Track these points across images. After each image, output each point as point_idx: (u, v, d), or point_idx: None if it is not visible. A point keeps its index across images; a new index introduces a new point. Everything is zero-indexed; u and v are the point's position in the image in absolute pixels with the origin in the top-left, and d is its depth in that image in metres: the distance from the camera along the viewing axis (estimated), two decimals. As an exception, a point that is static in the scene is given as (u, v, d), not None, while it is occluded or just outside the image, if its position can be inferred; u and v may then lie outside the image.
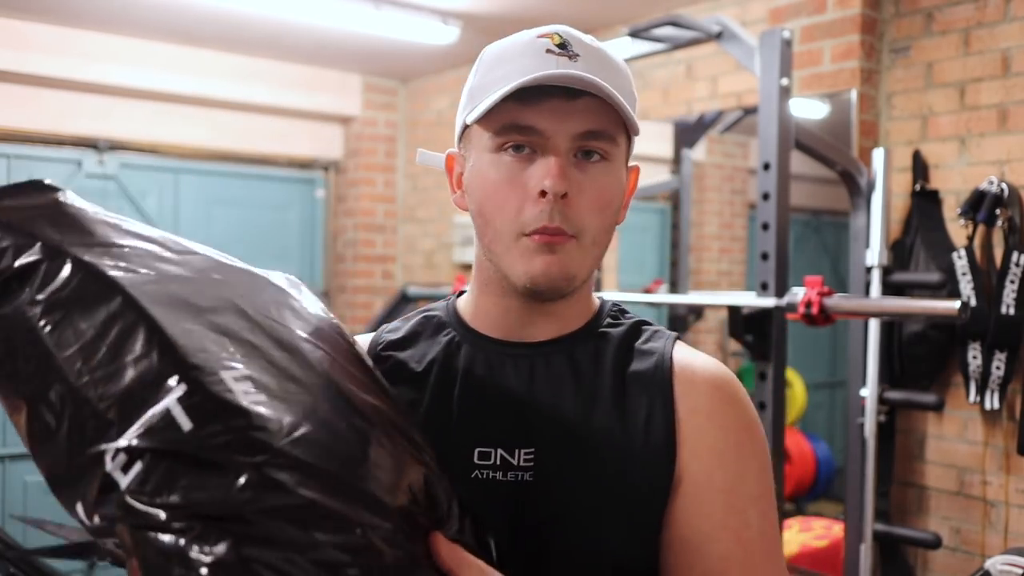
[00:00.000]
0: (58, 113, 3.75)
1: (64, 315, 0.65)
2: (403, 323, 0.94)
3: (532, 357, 0.86)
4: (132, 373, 0.62)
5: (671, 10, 3.16)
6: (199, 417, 0.59)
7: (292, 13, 3.34)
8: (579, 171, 0.80)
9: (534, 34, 0.83)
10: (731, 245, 3.64)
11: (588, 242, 0.82)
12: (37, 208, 0.72)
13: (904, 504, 2.59)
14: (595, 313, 0.90)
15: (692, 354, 0.87)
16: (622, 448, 0.81)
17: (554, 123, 0.79)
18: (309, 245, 4.54)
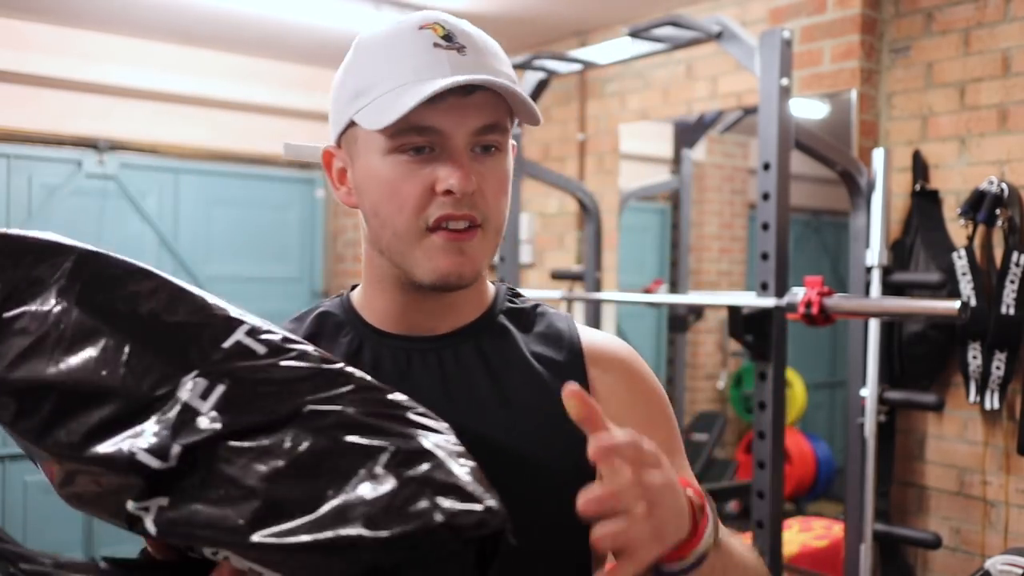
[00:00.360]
0: (58, 113, 3.75)
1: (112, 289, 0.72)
2: (297, 324, 0.92)
3: (438, 350, 0.86)
4: (201, 318, 0.71)
5: (671, 10, 3.16)
6: (268, 345, 0.70)
7: (292, 13, 3.34)
8: (479, 164, 0.81)
9: (415, 24, 0.81)
10: (731, 245, 3.64)
11: (492, 231, 0.83)
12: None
13: (904, 504, 2.59)
14: (492, 299, 0.91)
15: (593, 333, 0.92)
16: (544, 426, 0.82)
17: (453, 122, 0.78)
18: (309, 245, 4.53)
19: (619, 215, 3.51)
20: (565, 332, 0.89)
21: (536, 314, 0.91)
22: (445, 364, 0.86)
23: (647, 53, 2.57)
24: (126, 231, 3.95)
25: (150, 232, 4.01)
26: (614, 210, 3.49)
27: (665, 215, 3.66)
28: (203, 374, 0.65)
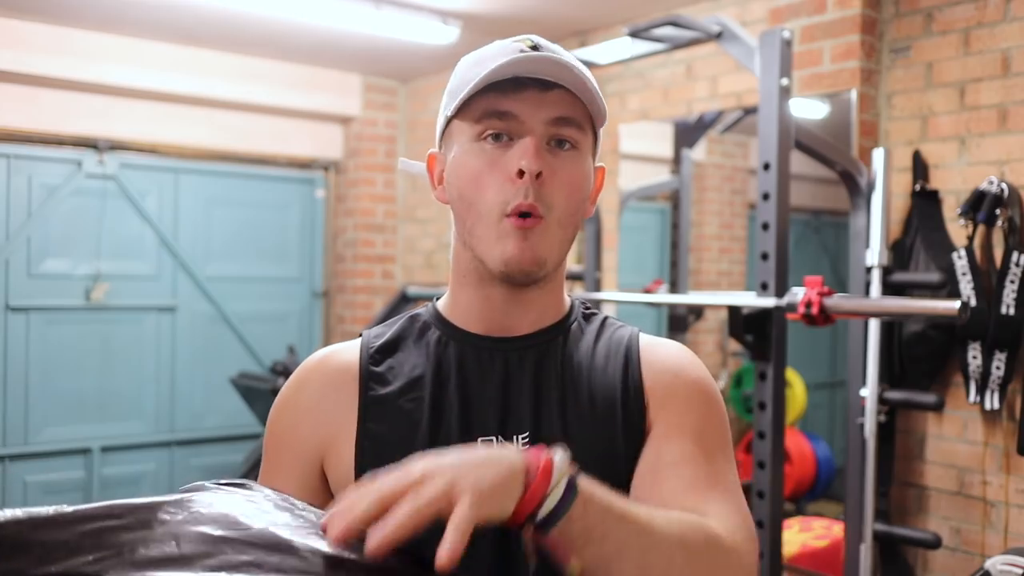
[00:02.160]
0: (58, 113, 3.75)
1: None
2: (387, 328, 0.97)
3: (519, 350, 0.92)
4: None
5: (671, 10, 3.16)
6: None
7: (292, 13, 3.34)
8: (552, 156, 0.86)
9: (510, 40, 0.90)
10: (731, 245, 3.64)
11: (555, 223, 0.87)
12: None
13: (904, 504, 2.59)
14: (568, 309, 0.97)
15: (655, 338, 0.96)
16: (603, 420, 0.88)
17: (530, 109, 0.85)
18: (309, 245, 4.53)
19: (619, 215, 3.51)
20: (625, 340, 0.94)
21: (604, 325, 0.97)
22: (524, 363, 0.91)
23: (647, 53, 2.57)
24: (126, 231, 3.95)
25: (150, 232, 4.01)
26: (614, 210, 3.49)
27: (665, 215, 3.67)
28: None
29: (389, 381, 0.91)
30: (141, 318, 4.00)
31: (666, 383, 0.90)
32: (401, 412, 0.89)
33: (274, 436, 0.94)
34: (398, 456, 0.83)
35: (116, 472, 3.89)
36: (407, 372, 0.91)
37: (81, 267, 3.83)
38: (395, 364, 0.92)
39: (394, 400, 0.90)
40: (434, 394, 0.89)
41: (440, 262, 4.37)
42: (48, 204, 3.76)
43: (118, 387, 3.93)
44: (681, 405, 0.89)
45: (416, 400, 0.89)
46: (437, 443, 0.86)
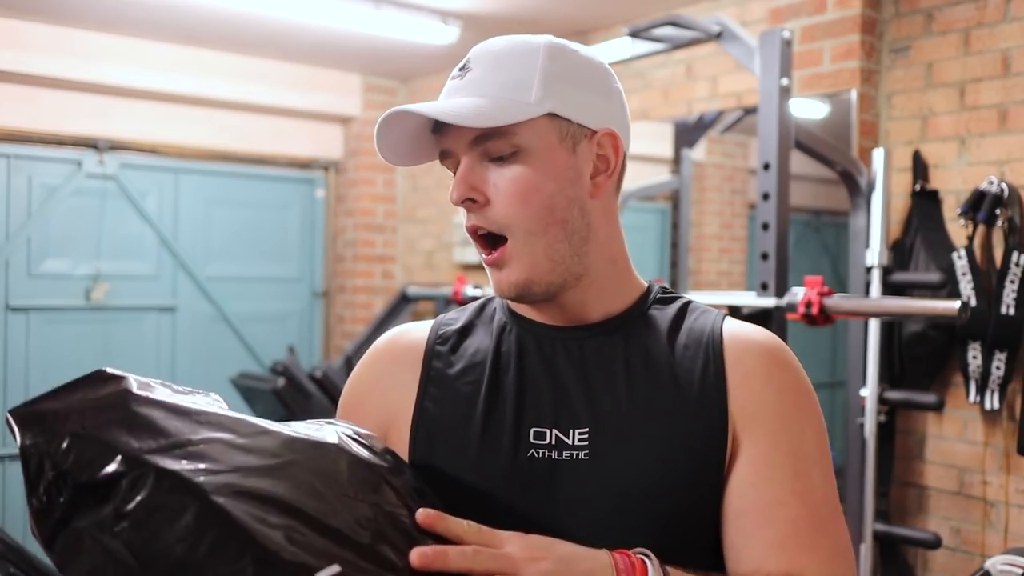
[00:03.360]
0: (58, 113, 3.75)
1: (153, 530, 0.64)
2: (460, 313, 0.98)
3: (582, 339, 0.89)
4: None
5: (671, 10, 3.16)
6: None
7: (292, 13, 3.33)
8: (493, 174, 0.85)
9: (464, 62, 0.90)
10: (731, 245, 3.64)
11: (523, 236, 0.84)
12: (108, 407, 0.71)
13: (904, 504, 2.59)
14: (642, 293, 0.93)
15: (741, 325, 0.90)
16: (676, 418, 0.84)
17: (453, 140, 0.86)
18: (309, 245, 4.53)
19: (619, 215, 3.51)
20: (709, 325, 0.89)
21: (687, 310, 0.92)
22: (587, 353, 0.88)
23: (647, 53, 2.57)
24: (126, 231, 3.95)
25: (150, 232, 4.01)
26: (614, 210, 3.48)
27: (665, 215, 3.66)
28: None
29: (452, 363, 0.91)
30: (141, 318, 4.00)
31: (755, 390, 0.84)
32: (458, 394, 0.89)
33: (344, 409, 0.96)
34: (449, 438, 0.86)
35: (116, 472, 3.89)
36: (470, 355, 0.92)
37: (81, 267, 3.83)
38: (461, 347, 0.93)
39: (453, 381, 0.90)
40: (492, 379, 0.89)
41: (440, 262, 4.37)
42: (48, 204, 3.76)
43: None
44: (774, 420, 0.83)
45: (474, 384, 0.89)
46: (489, 429, 0.86)
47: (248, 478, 0.67)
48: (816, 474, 0.83)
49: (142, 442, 0.68)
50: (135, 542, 0.64)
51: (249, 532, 0.63)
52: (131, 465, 0.66)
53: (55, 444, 0.68)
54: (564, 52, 0.86)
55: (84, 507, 0.66)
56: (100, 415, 0.70)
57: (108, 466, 0.66)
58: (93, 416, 0.70)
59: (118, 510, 0.65)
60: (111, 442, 0.68)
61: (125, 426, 0.69)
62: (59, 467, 0.67)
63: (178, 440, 0.69)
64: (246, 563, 0.62)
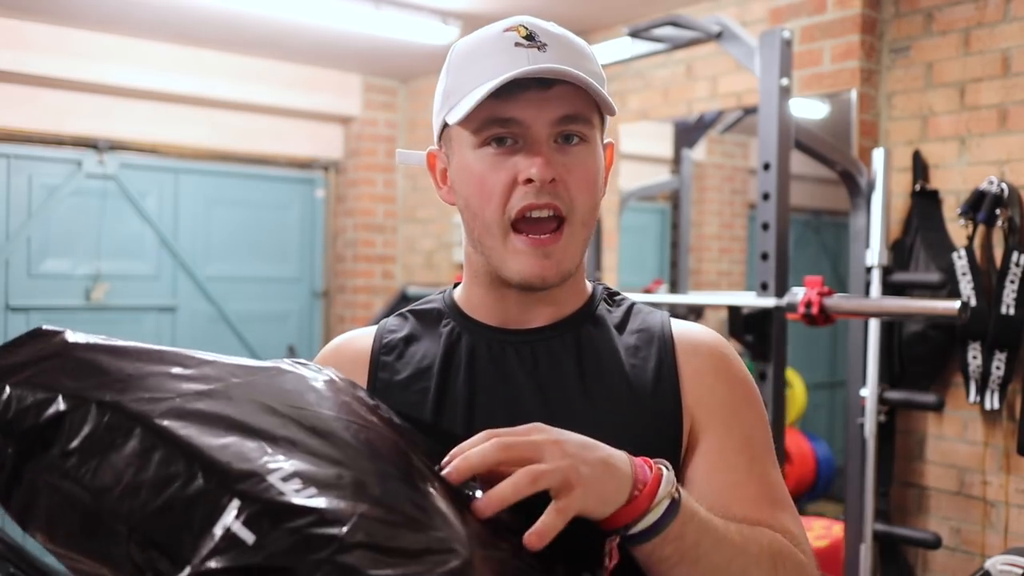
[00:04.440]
0: (58, 113, 3.75)
1: (101, 460, 0.65)
2: (402, 318, 0.96)
3: (533, 343, 0.89)
4: (182, 500, 0.62)
5: (671, 10, 3.16)
6: (260, 527, 0.59)
7: (292, 13, 3.33)
8: (562, 155, 0.83)
9: (500, 28, 0.86)
10: (731, 245, 3.64)
11: (578, 223, 0.85)
12: (48, 358, 0.71)
13: (904, 504, 2.59)
14: (590, 296, 0.93)
15: (687, 324, 0.93)
16: (630, 417, 0.85)
17: (532, 112, 0.82)
18: (309, 245, 4.53)
19: (619, 215, 3.51)
20: (657, 324, 0.91)
21: (632, 312, 0.93)
22: (538, 356, 0.88)
23: (647, 53, 2.57)
24: (126, 231, 3.95)
25: (150, 232, 4.01)
26: (614, 210, 3.49)
27: (665, 215, 3.66)
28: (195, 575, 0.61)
29: (398, 371, 0.90)
30: (141, 318, 3.99)
31: (708, 385, 0.87)
32: (407, 403, 0.87)
33: None
34: None
35: (116, 472, 3.89)
36: (416, 362, 0.90)
37: (81, 267, 3.83)
38: (406, 353, 0.91)
39: (401, 390, 0.88)
40: (440, 385, 0.88)
41: (440, 262, 4.37)
42: (48, 204, 3.76)
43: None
44: (727, 413, 0.87)
45: (422, 391, 0.88)
46: (440, 437, 0.83)
47: (192, 402, 0.68)
48: (768, 461, 0.87)
49: (82, 382, 0.69)
50: (85, 475, 0.64)
51: (196, 447, 0.63)
52: (73, 403, 0.67)
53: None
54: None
55: (32, 456, 0.67)
56: (39, 364, 0.71)
57: (50, 408, 0.67)
58: (32, 366, 0.70)
59: (64, 448, 0.66)
60: (51, 385, 0.68)
61: (65, 371, 0.70)
62: (3, 417, 0.68)
63: (118, 376, 0.70)
64: (195, 475, 0.62)
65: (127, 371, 0.71)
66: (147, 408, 0.66)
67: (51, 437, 0.66)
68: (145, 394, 0.68)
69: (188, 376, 0.71)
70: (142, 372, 0.71)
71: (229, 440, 0.65)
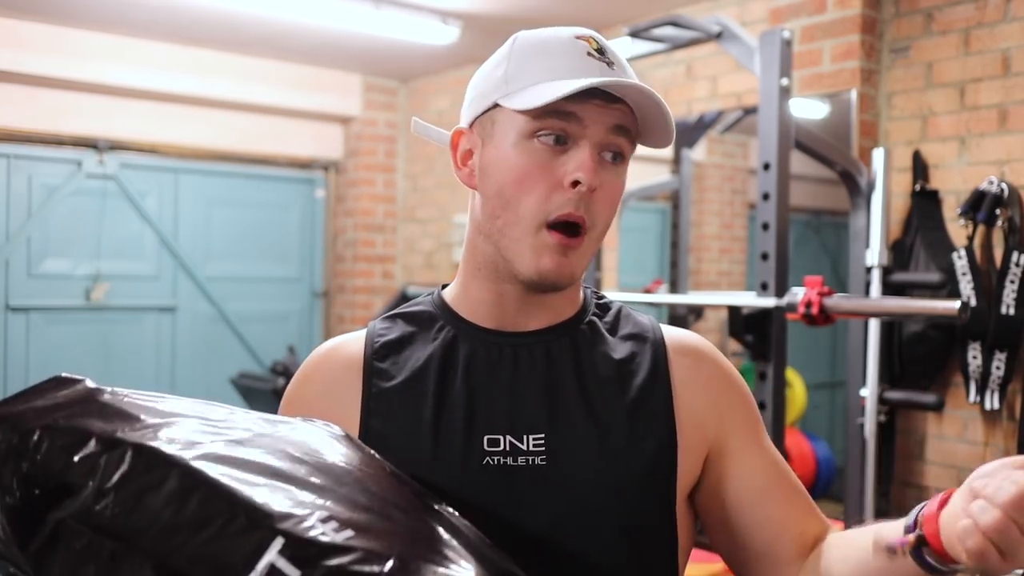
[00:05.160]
0: (58, 113, 3.75)
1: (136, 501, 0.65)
2: (393, 319, 0.94)
3: (529, 346, 0.89)
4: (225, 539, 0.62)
5: (671, 10, 3.16)
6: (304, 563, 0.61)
7: (292, 13, 3.33)
8: (604, 170, 0.84)
9: (571, 34, 0.87)
10: (731, 245, 3.64)
11: (595, 237, 0.86)
12: (76, 402, 0.72)
13: (904, 504, 2.59)
14: (583, 302, 0.94)
15: (677, 330, 0.95)
16: (625, 421, 0.86)
17: (594, 113, 0.82)
18: (309, 245, 4.53)
19: (619, 215, 3.51)
20: (649, 328, 0.93)
21: (621, 315, 0.95)
22: (535, 359, 0.88)
23: (647, 53, 2.57)
24: (126, 231, 3.95)
25: (150, 232, 4.01)
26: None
27: (665, 215, 3.66)
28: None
29: (393, 376, 0.88)
30: (141, 318, 4.00)
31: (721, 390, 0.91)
32: (404, 408, 0.86)
33: None
34: (400, 451, 0.84)
35: (116, 472, 3.89)
36: (411, 366, 0.89)
37: (81, 267, 3.83)
38: (399, 358, 0.90)
39: (397, 396, 0.87)
40: (438, 389, 0.86)
41: (440, 262, 4.37)
42: (48, 204, 3.76)
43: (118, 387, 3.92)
44: (744, 413, 0.92)
45: (420, 395, 0.87)
46: (440, 438, 0.84)
47: (224, 449, 0.69)
48: (773, 449, 0.93)
49: (115, 425, 0.69)
50: (118, 516, 0.64)
51: (233, 490, 0.64)
52: (107, 445, 0.67)
53: (26, 438, 0.68)
54: None
55: (58, 500, 0.67)
56: (68, 408, 0.71)
57: (83, 449, 0.67)
58: (61, 410, 0.71)
59: (99, 487, 0.65)
60: (84, 428, 0.69)
61: (95, 415, 0.70)
62: (32, 459, 0.68)
63: (149, 423, 0.70)
64: (237, 515, 0.63)
65: (156, 418, 0.71)
66: (182, 452, 0.67)
67: (80, 481, 0.66)
68: (179, 437, 0.69)
69: (216, 426, 0.73)
70: (171, 420, 0.72)
71: (265, 484, 0.66)
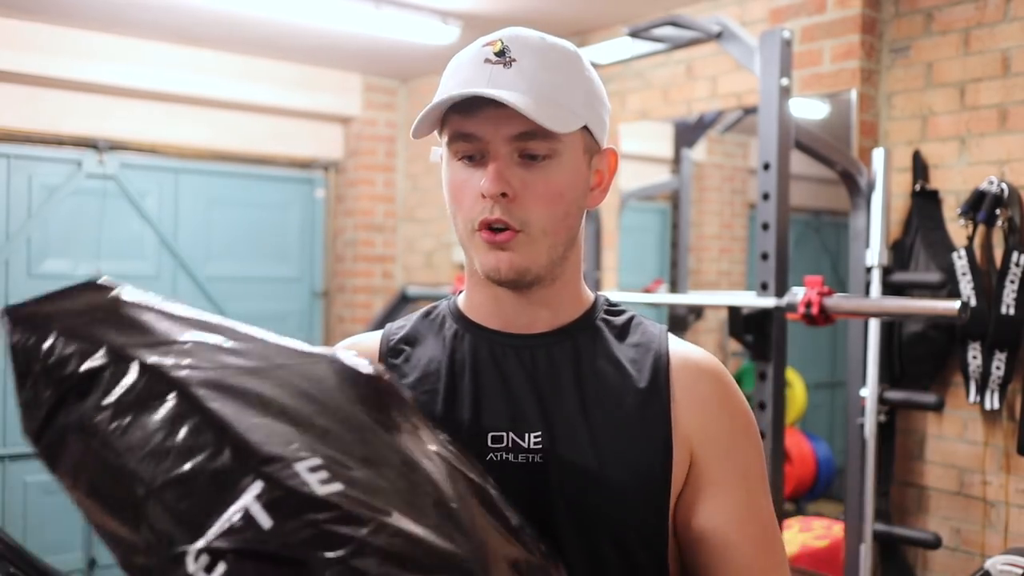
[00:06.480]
0: (58, 113, 3.75)
1: (132, 419, 0.64)
2: (407, 321, 1.00)
3: (533, 348, 0.92)
4: (206, 473, 0.61)
5: (671, 10, 3.16)
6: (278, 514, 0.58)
7: (292, 13, 3.33)
8: (525, 170, 0.86)
9: (483, 41, 0.89)
10: (731, 245, 3.64)
11: (537, 233, 0.87)
12: (97, 310, 0.72)
13: (904, 504, 2.59)
14: (590, 306, 0.96)
15: (686, 345, 0.94)
16: (622, 426, 0.88)
17: (490, 129, 0.85)
18: (309, 245, 4.53)
19: (619, 215, 3.51)
20: (655, 340, 0.93)
21: (632, 324, 0.96)
22: (537, 361, 0.91)
23: (647, 53, 2.57)
24: (126, 231, 3.95)
25: (150, 232, 4.01)
26: (614, 210, 3.49)
27: (665, 215, 3.66)
28: (206, 550, 0.59)
29: (406, 373, 0.93)
30: (141, 318, 3.99)
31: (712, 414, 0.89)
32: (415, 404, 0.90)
33: None
34: None
35: (116, 472, 3.89)
36: (423, 365, 0.93)
37: (81, 267, 3.83)
38: (413, 357, 0.94)
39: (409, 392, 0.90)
40: (448, 385, 0.91)
41: (440, 262, 4.37)
42: (48, 204, 3.76)
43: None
44: (728, 444, 0.89)
45: (431, 392, 0.91)
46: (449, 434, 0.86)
47: (232, 377, 0.68)
48: (761, 494, 0.90)
49: (127, 338, 0.69)
50: (114, 432, 0.64)
51: (228, 422, 0.63)
52: (114, 358, 0.67)
53: (42, 341, 0.69)
54: (591, 66, 0.92)
55: (68, 403, 0.67)
56: (88, 315, 0.71)
57: (91, 359, 0.67)
58: (81, 316, 0.71)
59: (99, 401, 0.66)
60: (96, 337, 0.69)
61: (112, 325, 0.70)
62: (45, 362, 0.68)
63: (164, 339, 0.70)
64: (223, 450, 0.61)
65: (173, 335, 0.71)
66: (186, 375, 0.66)
67: (88, 388, 0.67)
68: (187, 360, 0.68)
69: (233, 350, 0.71)
70: (188, 338, 0.71)
71: (262, 421, 0.64)
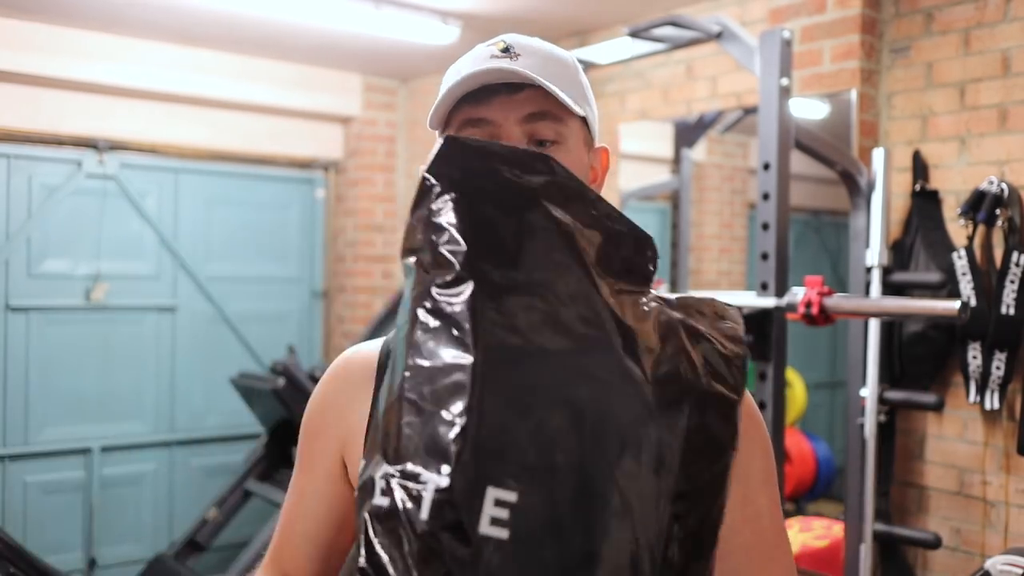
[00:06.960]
0: (58, 113, 3.75)
1: (435, 332, 0.65)
2: None
3: None
4: (432, 427, 0.61)
5: (671, 10, 3.16)
6: (437, 519, 0.58)
7: (292, 13, 3.33)
8: None
9: (484, 45, 0.91)
10: (731, 245, 3.64)
11: None
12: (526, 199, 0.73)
13: (904, 504, 2.59)
14: None
15: None
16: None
17: (502, 112, 0.86)
18: (309, 245, 4.53)
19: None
20: None
21: None
22: None
23: (647, 53, 2.57)
24: (126, 231, 3.95)
25: (150, 232, 4.01)
26: (614, 210, 3.48)
27: (665, 215, 3.66)
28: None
29: None
30: (141, 318, 3.99)
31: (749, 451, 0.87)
32: None
33: (303, 432, 0.98)
34: None
35: (116, 472, 3.89)
36: None
37: (81, 267, 3.83)
38: None
39: None
40: None
41: (440, 262, 4.37)
42: (48, 204, 3.76)
43: (118, 387, 3.92)
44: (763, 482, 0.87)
45: None
46: None
47: (522, 364, 0.66)
48: (763, 499, 0.87)
49: (492, 261, 0.70)
50: (420, 332, 0.67)
51: (477, 412, 0.63)
52: (465, 265, 0.69)
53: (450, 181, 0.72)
54: (583, 71, 0.93)
55: (420, 260, 0.71)
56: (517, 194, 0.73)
57: (452, 245, 0.70)
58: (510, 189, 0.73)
59: (429, 286, 0.69)
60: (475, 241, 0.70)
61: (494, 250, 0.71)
62: (430, 217, 0.71)
63: (513, 281, 0.69)
64: (453, 426, 0.62)
65: (532, 277, 0.70)
66: (489, 340, 0.65)
67: (435, 269, 0.70)
68: (505, 319, 0.66)
69: (552, 325, 0.68)
70: (534, 290, 0.69)
71: (506, 427, 0.62)
